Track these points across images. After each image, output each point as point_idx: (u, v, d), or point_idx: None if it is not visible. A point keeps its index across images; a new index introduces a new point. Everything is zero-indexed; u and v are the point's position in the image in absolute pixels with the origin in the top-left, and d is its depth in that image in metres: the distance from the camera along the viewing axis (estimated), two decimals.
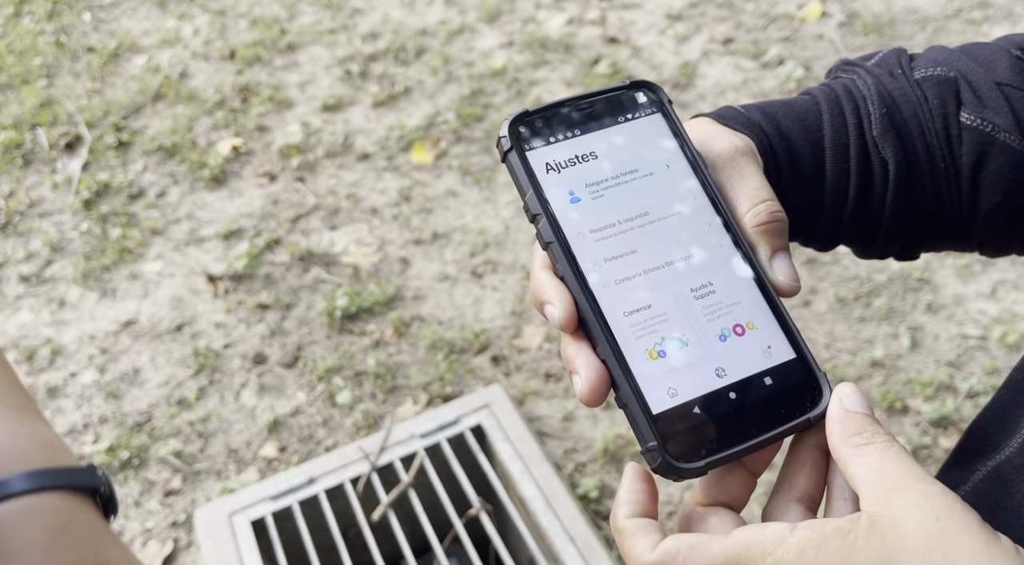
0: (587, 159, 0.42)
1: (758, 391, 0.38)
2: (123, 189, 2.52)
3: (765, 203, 0.41)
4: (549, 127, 0.42)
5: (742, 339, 0.39)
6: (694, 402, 0.38)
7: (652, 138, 0.43)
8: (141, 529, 1.75)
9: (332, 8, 3.19)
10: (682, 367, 0.38)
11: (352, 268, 2.24)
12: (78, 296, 2.24)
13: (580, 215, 0.40)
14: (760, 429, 0.37)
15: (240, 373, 2.02)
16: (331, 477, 1.52)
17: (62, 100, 2.88)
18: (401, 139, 2.60)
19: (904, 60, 0.51)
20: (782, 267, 0.41)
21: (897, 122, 0.48)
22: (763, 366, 0.39)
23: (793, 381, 0.39)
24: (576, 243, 0.40)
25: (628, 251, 0.40)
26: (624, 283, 0.39)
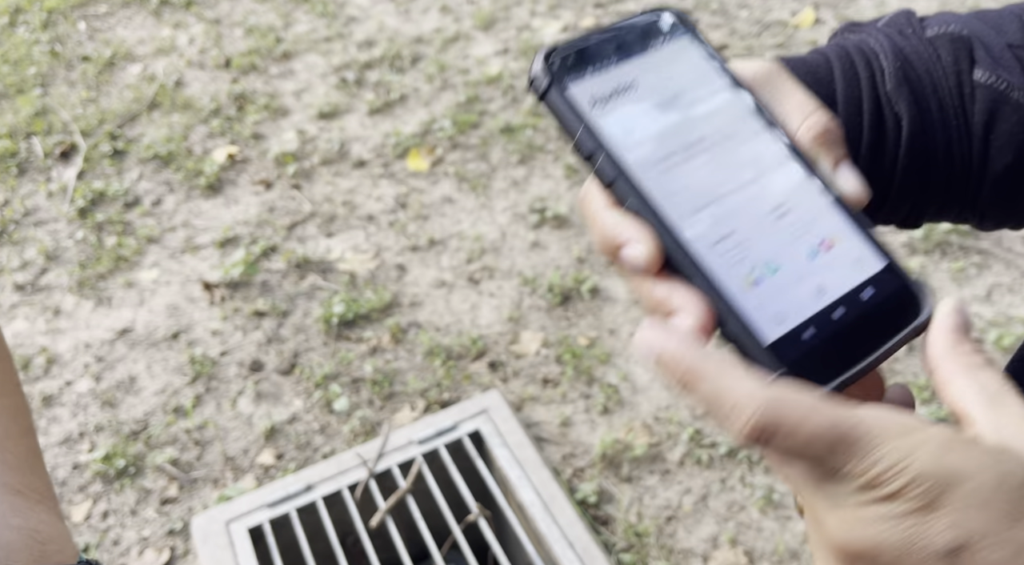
0: (629, 89, 0.39)
1: (861, 305, 0.36)
2: (118, 197, 2.52)
3: (816, 113, 0.39)
4: (582, 60, 0.40)
5: (831, 254, 0.37)
6: (804, 325, 0.35)
7: (688, 61, 0.41)
8: (138, 538, 1.74)
9: (327, 16, 3.20)
10: (781, 292, 0.36)
11: (348, 275, 2.24)
12: (73, 304, 2.23)
13: (638, 147, 0.38)
14: (875, 343, 0.36)
15: (237, 380, 2.01)
16: (329, 484, 1.51)
17: (57, 109, 2.87)
18: (397, 146, 2.60)
19: (914, 20, 0.50)
20: (848, 176, 0.39)
21: (911, 78, 0.47)
22: (859, 279, 0.37)
23: (891, 290, 0.37)
24: (642, 176, 0.37)
25: (696, 179, 0.38)
26: (701, 212, 0.37)
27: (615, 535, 1.67)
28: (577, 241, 2.27)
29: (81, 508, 1.80)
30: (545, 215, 2.33)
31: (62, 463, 1.89)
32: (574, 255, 2.23)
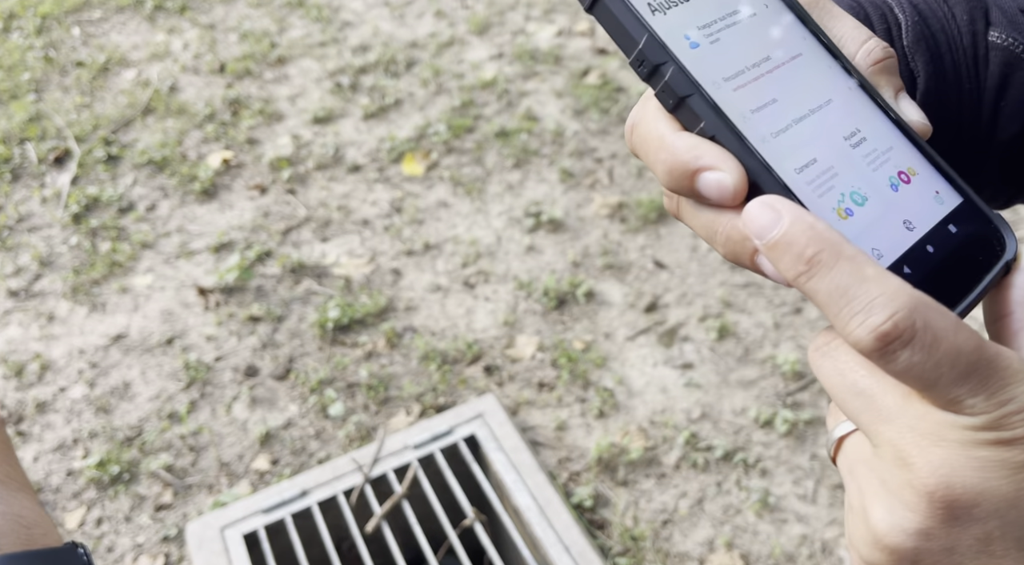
0: (684, 0, 0.36)
1: (949, 240, 0.34)
2: (113, 203, 2.51)
3: (873, 39, 0.37)
4: None
5: (911, 187, 0.35)
6: (901, 261, 0.33)
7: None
8: (132, 544, 1.73)
9: (322, 21, 3.20)
10: (872, 224, 0.33)
11: (344, 280, 2.24)
12: (67, 310, 2.22)
13: (706, 62, 0.34)
14: (971, 280, 0.33)
15: (231, 386, 2.01)
16: (324, 489, 1.51)
17: (51, 114, 2.87)
18: (392, 151, 2.60)
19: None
20: (910, 105, 0.37)
21: (926, 34, 0.45)
22: (943, 213, 0.35)
23: (975, 226, 0.35)
24: (716, 94, 0.34)
25: (769, 100, 0.34)
26: (781, 136, 0.34)
27: (611, 539, 1.66)
28: (572, 245, 2.27)
29: (75, 515, 1.79)
30: (540, 219, 2.33)
31: (56, 470, 1.88)
32: (569, 259, 2.23)
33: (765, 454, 1.78)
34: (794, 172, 0.33)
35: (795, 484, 1.72)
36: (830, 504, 1.69)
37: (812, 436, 1.81)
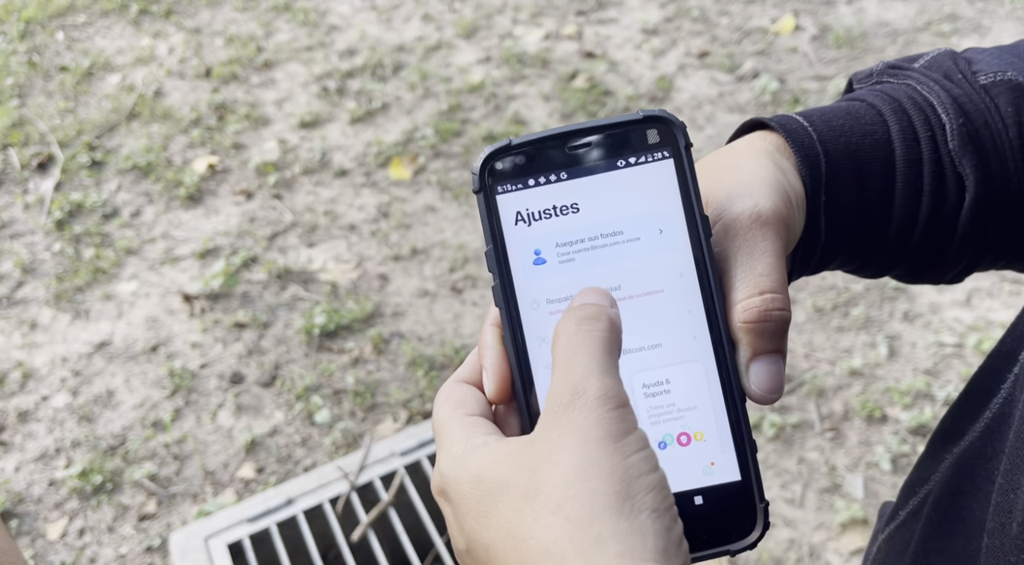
0: (566, 211, 0.36)
1: (683, 509, 0.33)
2: (97, 209, 2.49)
3: (763, 296, 0.35)
4: (531, 165, 0.36)
5: (684, 450, 0.35)
6: None
7: (652, 192, 0.36)
8: (115, 555, 1.71)
9: (309, 25, 3.19)
10: None
11: (330, 285, 2.22)
12: (50, 318, 2.20)
13: (540, 281, 0.36)
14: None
15: (217, 393, 1.99)
16: (310, 497, 1.49)
17: (34, 120, 2.84)
18: (379, 155, 2.59)
19: (961, 63, 0.47)
20: (762, 373, 0.35)
21: (972, 135, 0.44)
22: (698, 484, 0.35)
23: (727, 506, 0.34)
24: (527, 314, 0.35)
25: None
26: None
27: None
28: None
29: (57, 525, 1.77)
30: None
31: (38, 480, 1.86)
32: None
33: None
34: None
35: (783, 488, 1.72)
36: (818, 508, 1.69)
37: (799, 440, 1.80)
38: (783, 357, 0.36)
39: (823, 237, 0.44)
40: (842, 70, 2.79)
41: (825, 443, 1.80)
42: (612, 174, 0.36)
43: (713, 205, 0.38)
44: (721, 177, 0.40)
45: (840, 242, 0.44)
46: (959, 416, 0.47)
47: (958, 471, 0.44)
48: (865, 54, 2.86)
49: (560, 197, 0.36)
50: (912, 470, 0.51)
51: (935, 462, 0.47)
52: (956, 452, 0.45)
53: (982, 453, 0.42)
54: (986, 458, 0.41)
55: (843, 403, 1.87)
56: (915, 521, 0.47)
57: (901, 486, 0.51)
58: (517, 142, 0.36)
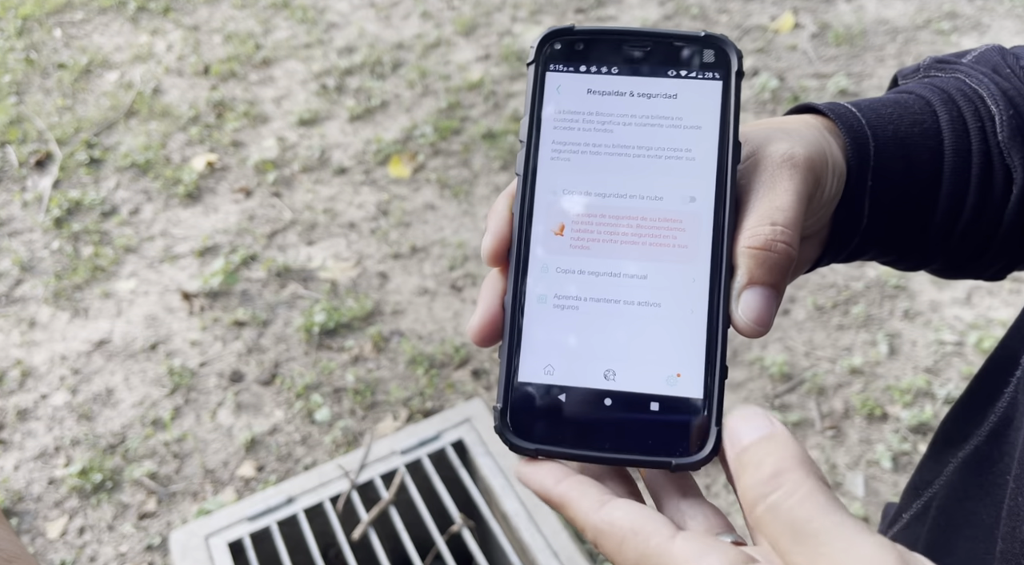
0: (606, 100, 0.37)
1: (636, 411, 0.34)
2: (95, 207, 2.48)
3: (774, 227, 0.35)
4: (587, 53, 0.37)
5: (651, 351, 0.35)
6: (564, 389, 0.35)
7: (693, 110, 0.37)
8: (115, 553, 1.71)
9: (307, 22, 3.18)
10: (574, 352, 0.35)
11: (330, 283, 2.22)
12: (49, 316, 2.19)
13: (564, 164, 0.37)
14: (614, 447, 0.34)
15: (216, 392, 1.98)
16: (310, 496, 1.49)
17: (32, 117, 2.83)
18: (378, 153, 2.59)
19: (1009, 57, 0.46)
20: (752, 302, 0.35)
21: (1022, 126, 0.43)
22: (659, 391, 0.35)
23: (680, 419, 0.35)
24: (541, 192, 0.36)
25: (592, 224, 0.37)
26: (567, 252, 0.36)
27: None
28: None
29: (57, 524, 1.76)
30: None
31: (37, 478, 1.85)
32: None
33: None
34: (546, 275, 0.36)
35: None
36: None
37: (799, 438, 1.81)
38: (778, 294, 0.36)
39: (865, 222, 0.43)
40: (841, 68, 2.79)
41: (825, 441, 1.80)
42: (661, 81, 0.37)
43: (749, 142, 0.39)
44: (765, 125, 0.41)
45: (882, 229, 0.44)
46: (962, 419, 0.46)
47: (964, 475, 0.44)
48: (864, 52, 2.86)
49: (606, 87, 0.37)
50: (915, 472, 0.51)
51: (939, 465, 0.47)
52: (961, 456, 0.45)
53: (988, 456, 0.42)
54: (993, 461, 0.41)
55: (843, 401, 1.87)
56: (920, 524, 0.47)
57: (904, 489, 0.51)
58: (580, 28, 0.38)
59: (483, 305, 0.36)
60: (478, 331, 0.36)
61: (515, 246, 0.36)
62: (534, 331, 0.36)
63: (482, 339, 0.36)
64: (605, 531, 0.31)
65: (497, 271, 0.37)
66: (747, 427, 0.31)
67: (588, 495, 0.32)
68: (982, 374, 0.46)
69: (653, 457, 0.34)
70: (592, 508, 0.32)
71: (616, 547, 0.31)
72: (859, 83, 2.71)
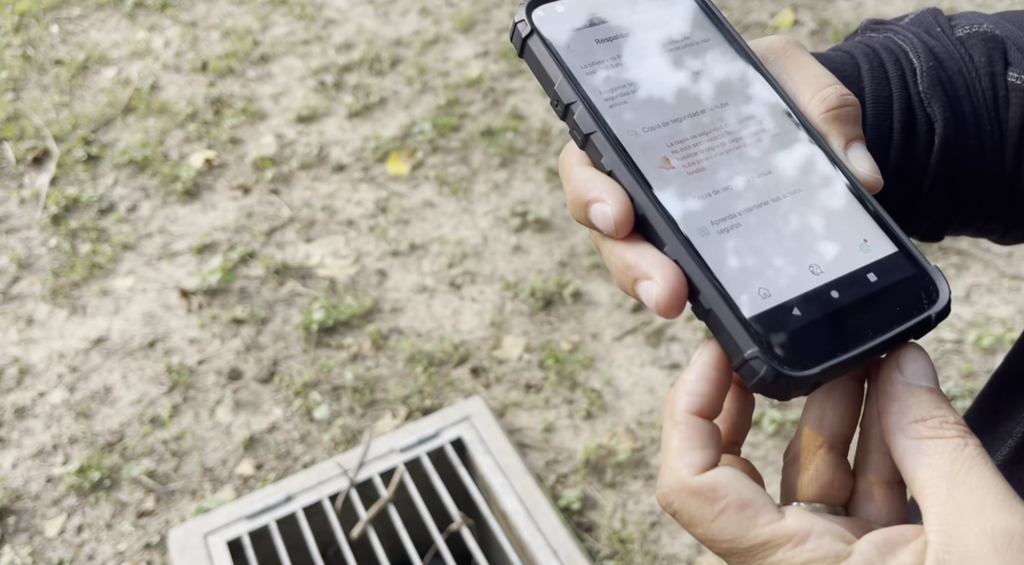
0: (619, 37, 0.37)
1: (863, 288, 0.33)
2: (93, 204, 2.48)
3: (832, 87, 0.36)
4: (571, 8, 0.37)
5: (832, 234, 0.35)
6: (792, 303, 0.32)
7: (690, 19, 0.38)
8: (113, 552, 1.71)
9: (305, 19, 3.17)
10: (771, 266, 0.33)
11: (328, 281, 2.21)
12: (47, 313, 2.19)
13: (621, 101, 0.36)
14: (876, 330, 0.32)
15: (215, 389, 1.98)
16: (309, 494, 1.49)
17: (29, 114, 2.82)
18: (377, 150, 2.58)
19: (941, 19, 0.47)
20: (861, 157, 0.36)
21: (943, 79, 0.44)
22: (864, 262, 0.34)
23: (900, 276, 0.34)
24: (622, 133, 0.35)
25: (685, 139, 0.36)
26: (690, 180, 0.34)
27: (599, 542, 1.66)
28: (559, 245, 2.26)
29: (55, 522, 1.76)
30: (527, 219, 2.32)
31: (35, 476, 1.85)
32: (556, 259, 2.22)
33: (752, 454, 1.77)
34: (686, 212, 0.34)
35: None
36: None
37: None
38: (866, 143, 0.37)
39: None
40: None
41: None
42: (647, 4, 0.38)
43: None
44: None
45: None
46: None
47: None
48: None
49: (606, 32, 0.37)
50: (989, 416, 0.48)
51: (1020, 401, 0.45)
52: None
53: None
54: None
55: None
56: (1018, 466, 0.45)
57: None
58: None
59: (652, 266, 0.32)
60: (669, 294, 0.31)
61: (643, 194, 0.33)
62: (721, 266, 0.33)
63: (676, 303, 0.32)
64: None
65: (625, 241, 0.33)
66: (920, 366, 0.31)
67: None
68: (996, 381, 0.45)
69: (911, 321, 0.33)
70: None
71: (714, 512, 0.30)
72: None
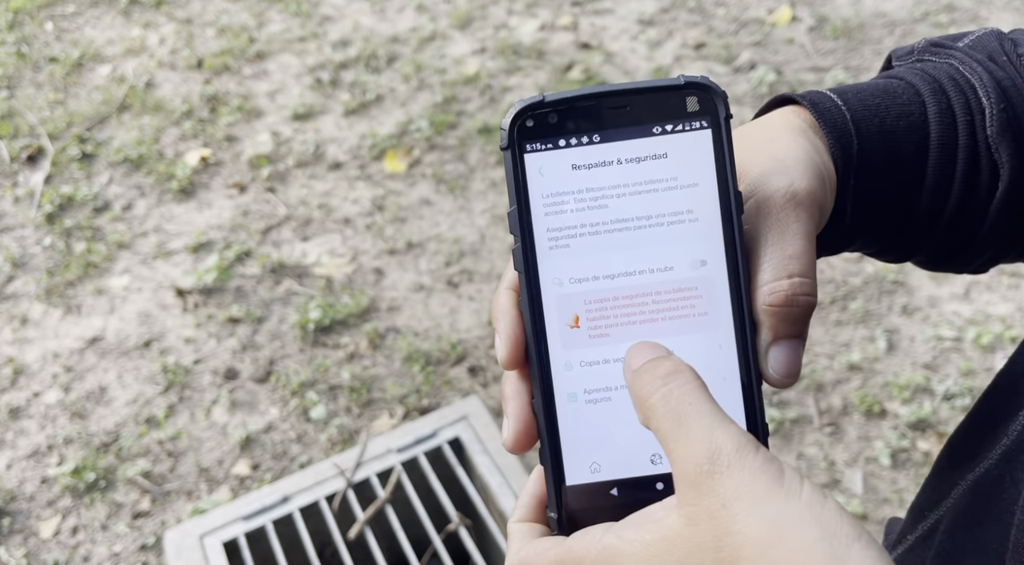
0: (594, 172, 0.35)
1: None
2: (88, 202, 2.46)
3: (792, 280, 0.34)
4: (563, 125, 0.35)
5: None
6: (614, 484, 0.34)
7: (687, 166, 0.35)
8: (108, 553, 1.70)
9: (301, 16, 3.15)
10: (616, 444, 0.34)
11: (325, 280, 2.20)
12: (41, 313, 2.17)
13: (564, 251, 0.35)
14: None
15: (211, 389, 1.97)
16: (306, 495, 1.48)
17: (23, 111, 2.81)
18: (373, 147, 2.57)
19: (1007, 44, 0.45)
20: (781, 356, 0.35)
21: (1012, 121, 0.42)
22: None
23: None
24: (547, 285, 0.35)
25: (607, 310, 0.35)
26: (587, 344, 0.35)
27: None
28: None
29: (50, 524, 1.75)
30: None
31: (30, 477, 1.84)
32: None
33: None
34: (567, 378, 0.35)
35: None
36: None
37: (798, 435, 1.80)
38: (803, 342, 0.35)
39: (848, 219, 0.42)
40: (839, 61, 2.77)
41: (824, 438, 1.79)
42: (647, 141, 0.35)
43: (747, 181, 0.37)
44: (756, 152, 0.39)
45: (863, 224, 0.43)
46: (971, 439, 0.45)
47: (973, 499, 0.42)
48: (862, 45, 2.84)
49: (590, 158, 0.35)
50: (919, 493, 0.49)
51: (946, 486, 0.45)
52: (971, 479, 0.43)
53: (1000, 481, 0.40)
54: (1005, 487, 0.40)
55: (842, 398, 1.86)
56: (925, 548, 0.45)
57: (908, 508, 0.50)
58: (551, 99, 0.35)
59: (513, 413, 0.36)
60: (514, 441, 0.36)
61: (532, 347, 0.35)
62: (571, 431, 0.35)
63: (520, 447, 0.36)
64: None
65: (516, 374, 0.36)
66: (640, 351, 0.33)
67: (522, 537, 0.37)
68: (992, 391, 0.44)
69: None
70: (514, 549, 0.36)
71: None
72: (857, 77, 2.70)
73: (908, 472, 1.72)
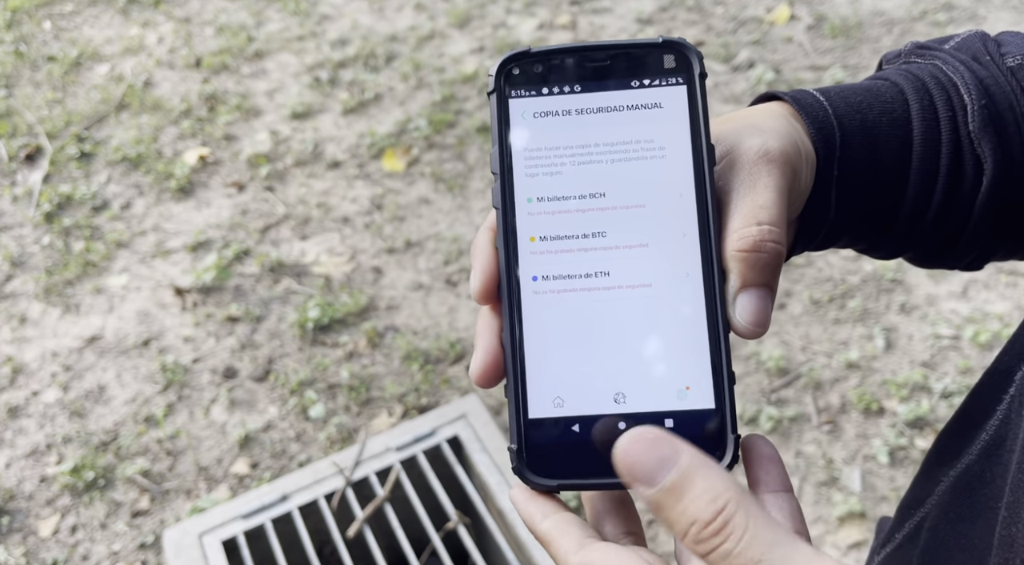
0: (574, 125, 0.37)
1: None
2: (86, 201, 2.46)
3: (760, 227, 0.35)
4: (547, 75, 0.37)
5: (657, 369, 0.35)
6: (576, 420, 0.34)
7: (661, 114, 0.36)
8: (107, 552, 1.70)
9: (300, 15, 3.15)
10: (580, 380, 0.35)
11: (324, 278, 2.20)
12: (40, 312, 2.17)
13: (541, 186, 0.36)
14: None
15: (210, 388, 1.97)
16: (305, 493, 1.48)
17: (22, 110, 2.80)
18: (372, 146, 2.57)
19: (990, 45, 0.46)
20: (748, 305, 0.35)
21: (994, 116, 0.43)
22: (671, 407, 0.34)
23: (697, 432, 0.34)
24: (522, 219, 0.36)
25: (577, 234, 0.36)
26: (559, 278, 0.36)
27: None
28: None
29: (49, 522, 1.75)
30: None
31: (29, 476, 1.84)
32: None
33: None
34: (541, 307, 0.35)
35: None
36: (815, 502, 1.69)
37: (796, 433, 1.80)
38: (772, 293, 0.35)
39: (832, 213, 0.43)
40: (838, 60, 2.78)
41: (822, 436, 1.79)
42: (624, 93, 0.37)
43: (722, 141, 0.38)
44: (734, 121, 0.40)
45: (849, 219, 0.44)
46: (954, 436, 0.45)
47: (956, 495, 0.42)
48: (861, 44, 2.84)
49: (570, 105, 0.37)
50: (907, 491, 0.50)
51: (931, 483, 0.46)
52: (952, 475, 0.43)
53: (980, 477, 0.41)
54: (985, 482, 0.40)
55: (840, 396, 1.86)
56: (912, 545, 0.46)
57: (897, 507, 0.50)
58: (536, 50, 0.37)
59: (482, 346, 0.36)
60: (481, 373, 0.36)
61: (504, 282, 0.35)
62: (537, 365, 0.35)
63: (486, 380, 0.36)
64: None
65: (489, 309, 0.37)
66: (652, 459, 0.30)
67: (569, 535, 0.32)
68: (978, 389, 0.45)
69: None
70: (571, 549, 0.32)
71: None
72: (855, 75, 2.70)
73: (906, 470, 1.72)
